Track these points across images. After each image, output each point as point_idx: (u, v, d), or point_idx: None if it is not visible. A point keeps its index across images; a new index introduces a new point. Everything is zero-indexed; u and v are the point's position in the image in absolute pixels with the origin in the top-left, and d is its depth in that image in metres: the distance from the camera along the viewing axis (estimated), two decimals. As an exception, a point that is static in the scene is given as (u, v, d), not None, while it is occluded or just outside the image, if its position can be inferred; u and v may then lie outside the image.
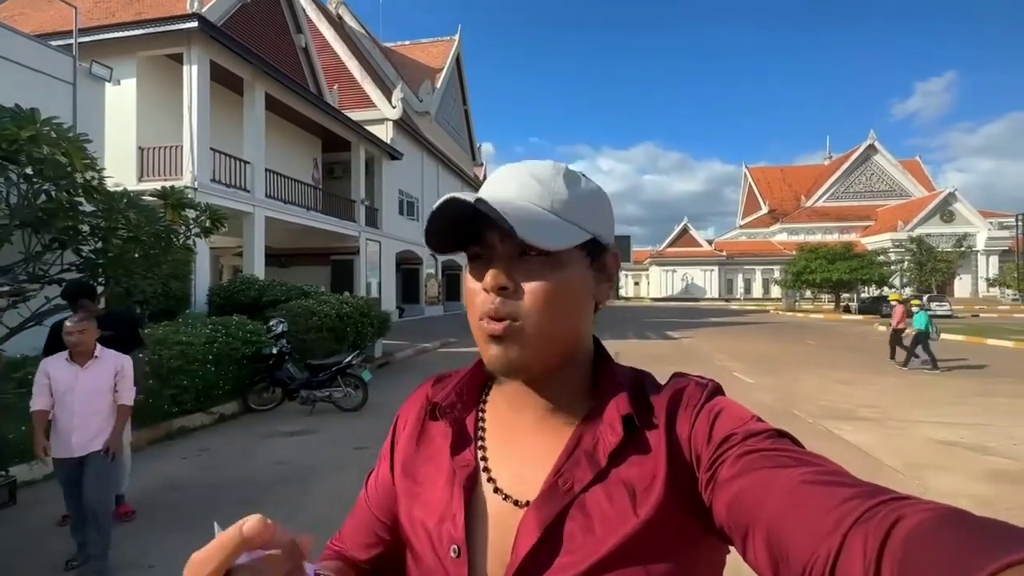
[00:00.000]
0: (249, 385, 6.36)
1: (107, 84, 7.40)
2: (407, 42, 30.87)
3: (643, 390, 0.52)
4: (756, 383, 8.45)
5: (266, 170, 12.83)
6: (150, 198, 5.76)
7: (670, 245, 59.36)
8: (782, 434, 0.44)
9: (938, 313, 25.85)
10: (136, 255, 5.20)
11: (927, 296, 27.67)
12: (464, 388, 0.58)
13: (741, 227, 70.54)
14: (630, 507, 0.46)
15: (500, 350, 0.48)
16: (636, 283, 66.68)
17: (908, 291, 29.21)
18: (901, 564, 0.29)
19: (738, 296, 52.27)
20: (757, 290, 55.00)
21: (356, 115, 18.15)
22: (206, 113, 10.84)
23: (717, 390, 0.51)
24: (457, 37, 30.64)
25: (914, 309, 9.96)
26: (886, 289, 29.48)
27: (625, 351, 12.47)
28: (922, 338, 9.31)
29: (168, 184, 6.39)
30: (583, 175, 0.53)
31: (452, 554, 0.49)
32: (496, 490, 0.52)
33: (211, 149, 11.01)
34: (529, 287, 0.48)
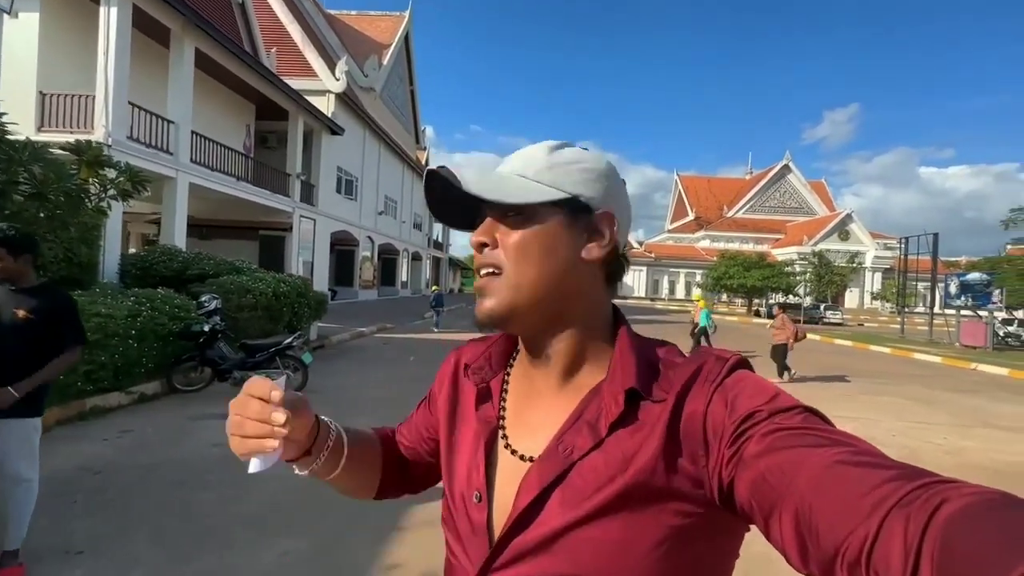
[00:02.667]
0: (175, 364, 5.91)
1: (4, 15, 6.49)
2: (353, 12, 29.43)
3: (658, 362, 0.53)
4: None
5: (192, 132, 11.82)
6: (60, 151, 5.15)
7: (604, 244, 61.58)
8: (811, 411, 0.44)
9: (832, 320, 28.98)
10: (40, 215, 4.66)
11: (823, 305, 30.98)
12: (492, 353, 0.64)
13: (669, 231, 74.60)
14: (619, 472, 0.48)
15: (482, 302, 0.54)
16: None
17: (808, 300, 32.37)
18: (943, 550, 0.28)
19: (663, 296, 55.28)
20: (681, 291, 58.54)
21: (295, 83, 17.11)
22: (125, 62, 9.78)
23: (740, 364, 0.51)
24: (408, 14, 29.67)
25: (699, 307, 11.70)
26: (791, 297, 32.62)
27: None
28: (704, 332, 11.16)
29: (78, 138, 5.72)
30: (582, 149, 0.57)
31: (475, 499, 0.55)
32: (507, 446, 0.56)
33: (130, 103, 9.97)
34: (504, 241, 0.53)
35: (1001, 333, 17.81)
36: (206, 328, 6.01)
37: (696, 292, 14.94)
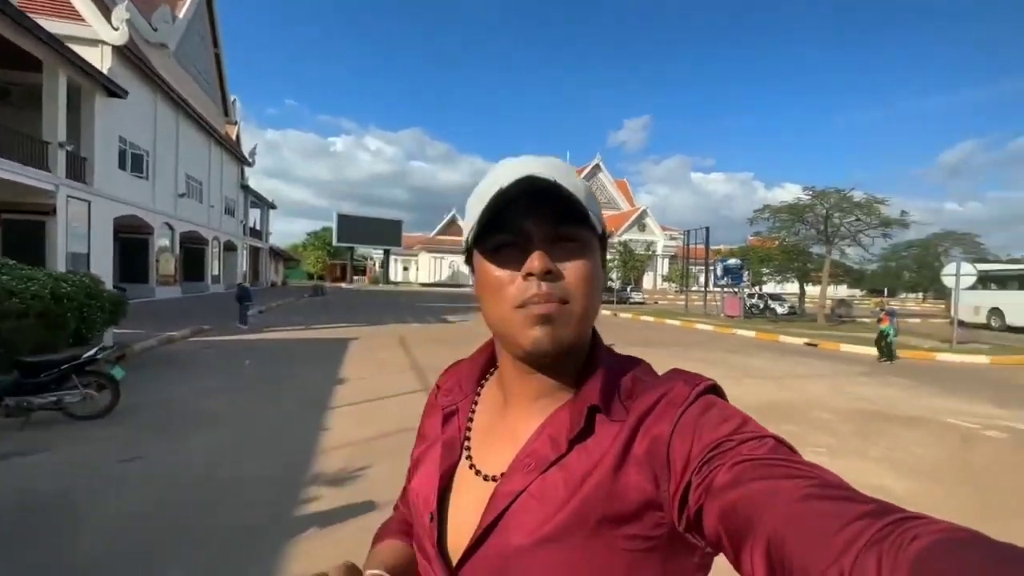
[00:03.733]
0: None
1: None
2: (131, -53, 24.00)
3: (626, 381, 0.54)
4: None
5: None
6: None
7: (440, 233, 62.05)
8: (779, 440, 0.44)
9: (636, 300, 34.12)
10: None
11: (629, 287, 36.30)
12: (463, 374, 0.65)
13: (500, 222, 78.56)
14: (577, 492, 0.47)
15: (549, 330, 0.50)
16: (405, 268, 67.36)
17: (619, 283, 37.53)
18: None
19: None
20: (511, 279, 62.24)
21: (54, 27, 13.41)
22: None
23: (710, 390, 0.51)
24: (207, -38, 25.36)
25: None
26: (608, 281, 37.42)
27: (409, 335, 12.80)
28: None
29: None
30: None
31: (428, 519, 0.55)
32: (471, 466, 0.56)
33: None
34: (571, 270, 0.51)
35: (748, 305, 23.24)
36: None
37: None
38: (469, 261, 0.57)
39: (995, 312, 18.60)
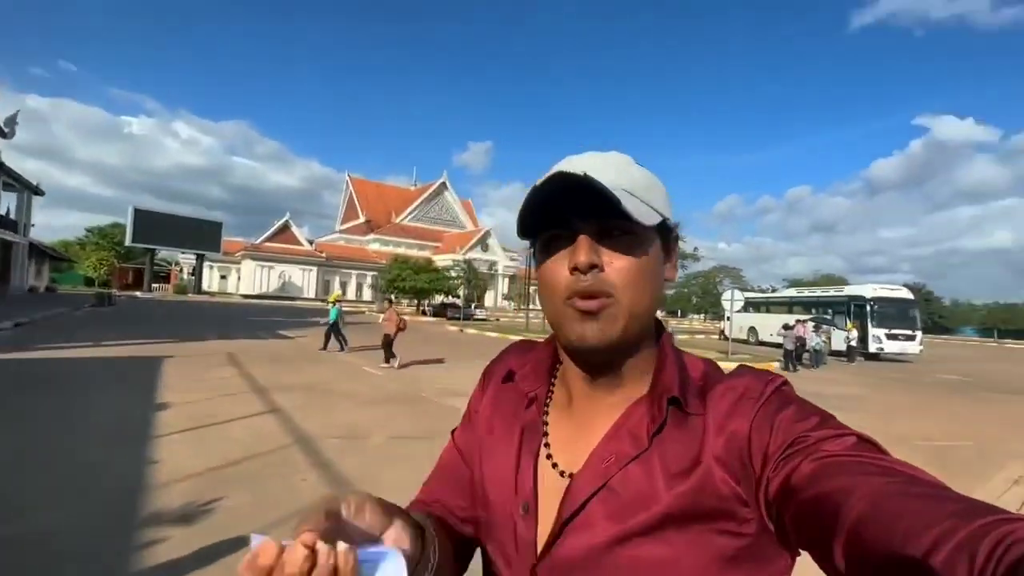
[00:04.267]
0: None
1: None
2: None
3: (700, 376, 0.53)
4: (383, 375, 9.60)
5: None
6: None
7: (270, 239, 55.96)
8: (863, 438, 0.42)
9: (479, 317, 35.28)
10: None
11: (473, 304, 37.46)
12: (539, 364, 0.62)
13: (340, 232, 74.30)
14: (663, 487, 0.46)
15: (596, 326, 0.50)
16: (223, 276, 59.06)
17: (462, 300, 38.42)
18: None
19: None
20: (352, 292, 59.08)
21: None
22: None
23: (784, 385, 0.50)
24: None
25: (330, 305, 12.89)
26: (451, 297, 38.03)
27: (241, 353, 11.39)
28: (335, 327, 12.48)
29: None
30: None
31: (522, 511, 0.53)
32: (549, 456, 0.55)
33: None
34: (617, 264, 0.50)
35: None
36: None
37: (335, 292, 15.98)
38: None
39: (752, 330, 24.04)
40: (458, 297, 38.32)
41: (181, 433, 5.04)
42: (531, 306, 30.80)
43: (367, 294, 55.77)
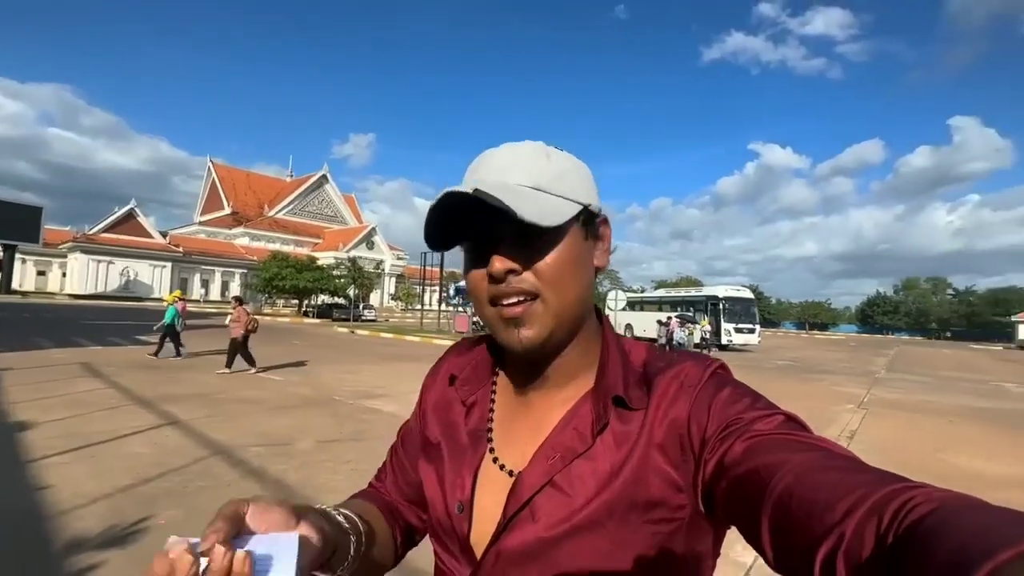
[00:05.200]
0: None
1: None
2: None
3: (641, 366, 0.54)
4: (286, 380, 9.01)
5: None
6: None
7: (107, 230, 47.59)
8: (789, 416, 0.44)
9: (368, 318, 33.97)
10: None
11: (361, 304, 35.92)
12: (477, 362, 0.63)
13: (201, 223, 66.03)
14: (605, 482, 0.48)
15: (520, 332, 0.50)
16: (41, 273, 49.09)
17: (351, 299, 36.59)
18: (921, 542, 0.27)
19: (198, 298, 48.28)
20: (216, 292, 52.85)
21: None
22: None
23: (720, 368, 0.52)
24: None
25: (167, 305, 11.07)
26: (335, 298, 36.03)
27: (98, 361, 9.84)
28: (171, 329, 10.76)
29: None
30: (558, 149, 0.55)
31: (457, 510, 0.54)
32: (495, 459, 0.56)
33: None
34: (537, 265, 0.49)
35: (476, 321, 26.39)
36: None
37: (176, 291, 13.24)
38: None
39: (628, 326, 26.60)
40: (345, 297, 36.47)
41: (65, 454, 4.37)
42: (417, 305, 30.56)
43: (236, 294, 50.32)
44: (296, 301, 37.79)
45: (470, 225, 0.51)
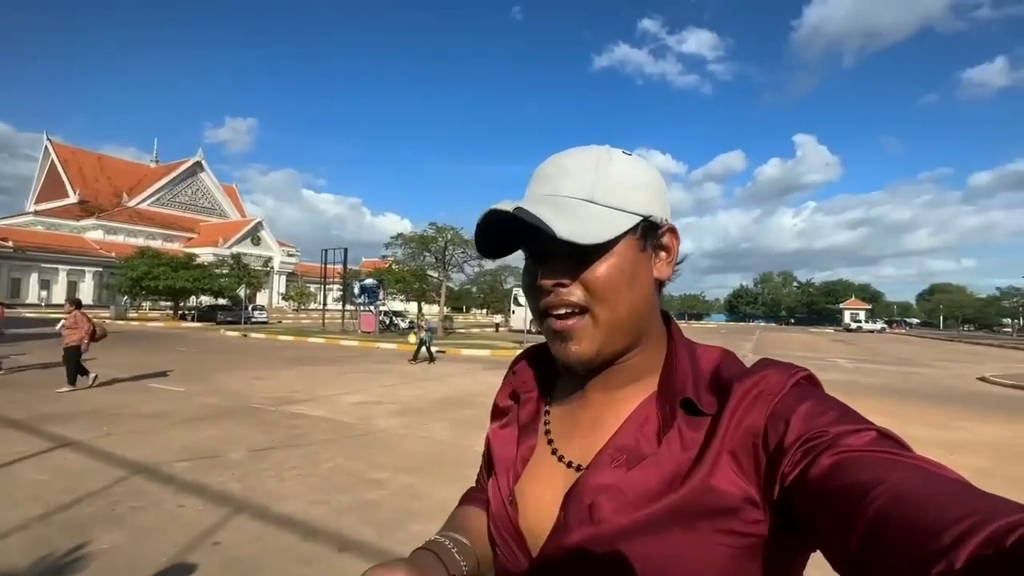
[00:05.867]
0: None
1: None
2: None
3: (714, 370, 0.52)
4: (188, 390, 8.23)
5: None
6: None
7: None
8: (884, 433, 0.41)
9: (259, 319, 31.33)
10: None
11: (252, 306, 32.97)
12: (541, 359, 0.64)
13: (37, 213, 55.49)
14: (671, 486, 0.46)
15: (569, 345, 0.50)
16: None
17: (241, 300, 33.43)
18: None
19: (39, 302, 40.67)
20: (60, 295, 44.93)
21: None
22: None
23: (807, 379, 0.48)
24: None
25: None
26: (218, 299, 32.63)
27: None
28: None
29: None
30: (628, 153, 0.54)
31: (507, 498, 0.56)
32: (554, 451, 0.56)
33: None
34: (587, 279, 0.49)
35: (383, 320, 25.67)
36: None
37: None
38: None
39: (532, 320, 27.69)
40: (232, 298, 33.20)
41: (-60, 488, 3.74)
42: (311, 305, 28.94)
43: (89, 296, 43.08)
44: (170, 303, 33.61)
45: (523, 234, 0.51)
